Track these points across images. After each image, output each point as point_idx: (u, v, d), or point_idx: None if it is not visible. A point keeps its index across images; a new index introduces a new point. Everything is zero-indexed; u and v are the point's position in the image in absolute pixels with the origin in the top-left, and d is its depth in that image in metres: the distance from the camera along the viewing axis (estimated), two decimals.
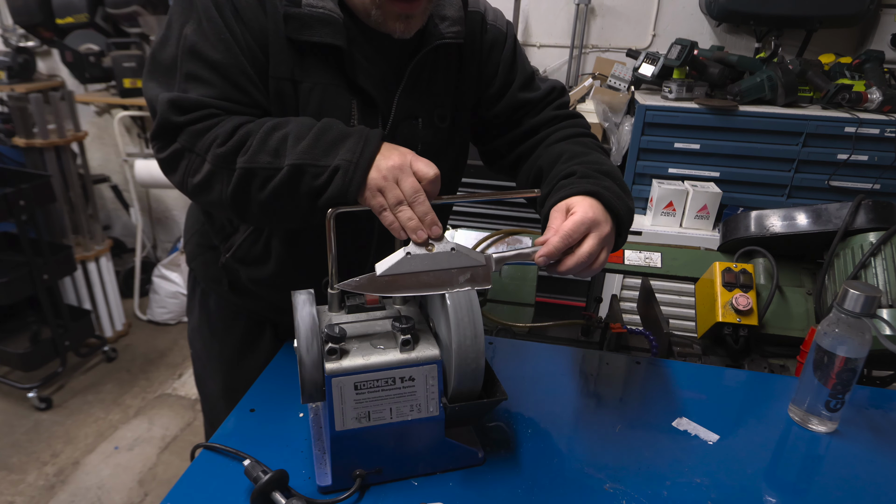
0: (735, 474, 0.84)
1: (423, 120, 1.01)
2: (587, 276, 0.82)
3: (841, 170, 2.32)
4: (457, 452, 0.82)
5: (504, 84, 1.08)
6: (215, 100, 0.85)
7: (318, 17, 0.88)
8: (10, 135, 2.83)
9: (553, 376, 1.07)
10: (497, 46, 1.07)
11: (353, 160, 0.77)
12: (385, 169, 0.77)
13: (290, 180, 0.79)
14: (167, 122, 0.84)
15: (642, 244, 1.42)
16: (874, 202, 1.19)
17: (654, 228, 2.40)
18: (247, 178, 0.81)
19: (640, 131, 2.40)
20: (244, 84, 0.87)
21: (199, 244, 1.17)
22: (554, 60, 2.98)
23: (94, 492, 2.17)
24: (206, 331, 1.25)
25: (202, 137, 0.83)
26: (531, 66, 1.13)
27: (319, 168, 0.78)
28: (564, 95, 1.14)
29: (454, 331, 0.74)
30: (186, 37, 0.85)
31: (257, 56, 0.89)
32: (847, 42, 2.73)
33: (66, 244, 2.73)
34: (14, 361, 2.61)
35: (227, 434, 0.88)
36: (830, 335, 0.89)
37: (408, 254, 0.75)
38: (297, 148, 0.79)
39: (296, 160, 0.78)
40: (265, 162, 0.80)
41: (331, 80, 0.92)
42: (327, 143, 0.79)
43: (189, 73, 0.85)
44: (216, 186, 0.83)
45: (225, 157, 0.81)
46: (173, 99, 0.84)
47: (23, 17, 3.11)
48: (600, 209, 0.82)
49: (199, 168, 0.84)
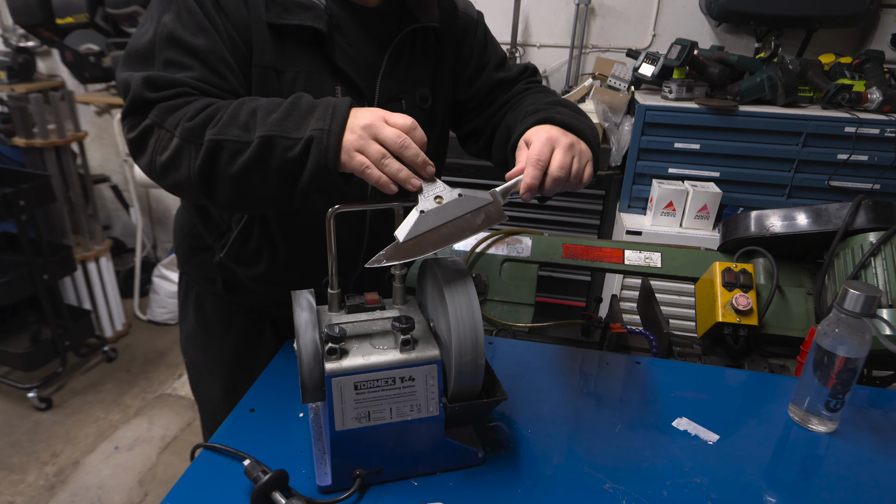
0: (735, 474, 0.84)
1: (407, 101, 1.04)
2: (576, 188, 0.85)
3: (841, 170, 2.32)
4: (457, 452, 0.82)
5: (478, 67, 1.14)
6: (193, 81, 0.84)
7: (298, 3, 0.90)
8: (10, 135, 2.83)
9: (553, 376, 1.07)
10: (469, 31, 1.13)
11: (324, 127, 0.75)
12: (359, 128, 0.75)
13: (261, 153, 0.77)
14: (139, 98, 0.83)
15: (642, 244, 1.42)
16: (874, 202, 1.19)
17: (654, 228, 2.40)
18: (215, 150, 0.79)
19: (640, 131, 2.40)
20: (223, 71, 0.87)
21: (191, 246, 1.16)
22: (554, 60, 2.98)
23: (94, 492, 2.17)
24: (203, 336, 1.24)
25: (173, 113, 0.82)
26: (503, 50, 1.19)
27: (291, 140, 0.76)
28: (537, 75, 1.19)
29: (454, 331, 0.74)
30: (164, 24, 0.85)
31: (239, 46, 0.89)
32: (847, 42, 2.73)
33: (66, 244, 2.73)
34: (14, 361, 2.61)
35: (227, 434, 0.88)
36: (830, 335, 0.89)
37: (421, 212, 0.75)
38: (268, 120, 0.78)
39: (266, 132, 0.77)
40: (234, 135, 0.78)
41: (313, 67, 0.94)
42: (298, 115, 0.78)
43: (167, 59, 0.85)
44: (184, 162, 0.81)
45: (193, 130, 0.79)
46: (149, 76, 0.83)
47: (23, 16, 3.11)
48: (554, 129, 0.86)
49: (167, 144, 0.82)
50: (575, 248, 1.41)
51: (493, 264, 1.41)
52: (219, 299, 1.19)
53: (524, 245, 1.42)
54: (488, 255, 1.41)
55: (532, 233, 1.44)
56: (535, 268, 1.40)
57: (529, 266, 1.40)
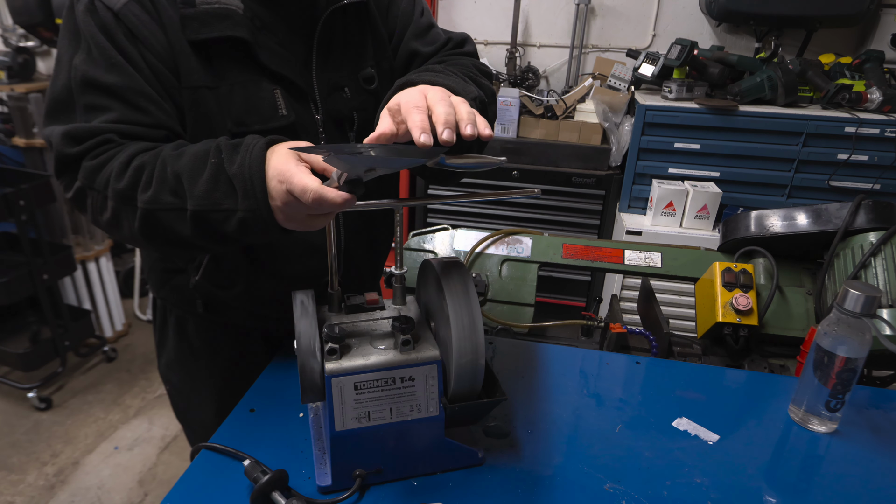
0: (735, 474, 0.84)
1: (350, 88, 0.99)
2: (477, 129, 0.69)
3: (841, 170, 2.32)
4: (457, 452, 0.82)
5: (400, 36, 1.06)
6: (114, 124, 0.81)
7: (214, 13, 0.85)
8: (9, 135, 2.83)
9: (553, 376, 1.07)
10: (396, 0, 1.05)
11: (252, 207, 0.70)
12: (276, 180, 0.68)
13: (197, 225, 0.74)
14: (63, 156, 0.80)
15: (642, 244, 1.42)
16: (874, 202, 1.19)
17: (654, 228, 2.40)
18: (151, 219, 0.76)
19: (641, 131, 2.40)
20: (144, 105, 0.83)
21: (164, 270, 1.09)
22: (554, 60, 2.98)
23: (94, 492, 2.17)
24: (189, 360, 1.17)
25: (99, 173, 0.78)
26: (430, 20, 1.09)
27: (223, 213, 0.72)
28: (465, 45, 1.08)
29: (454, 331, 0.73)
30: (76, 67, 0.81)
31: (162, 73, 0.85)
32: (847, 42, 2.73)
33: (66, 244, 2.73)
34: (14, 361, 2.61)
35: (226, 434, 0.88)
36: (830, 335, 0.89)
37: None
38: (195, 191, 0.73)
39: (196, 206, 0.73)
40: (167, 203, 0.74)
41: (248, 76, 0.89)
42: (225, 183, 0.72)
43: (87, 104, 0.82)
44: (124, 223, 0.79)
45: (124, 193, 0.76)
46: (67, 130, 0.80)
47: (23, 16, 3.11)
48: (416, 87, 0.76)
49: (104, 205, 0.79)
50: (575, 248, 1.41)
51: (492, 264, 1.41)
52: (202, 320, 1.12)
53: (524, 245, 1.42)
54: (488, 254, 1.41)
55: (532, 233, 1.44)
56: (535, 268, 1.40)
57: (529, 266, 1.40)
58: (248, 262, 1.01)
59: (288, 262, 1.02)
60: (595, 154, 2.58)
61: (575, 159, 2.60)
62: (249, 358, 1.13)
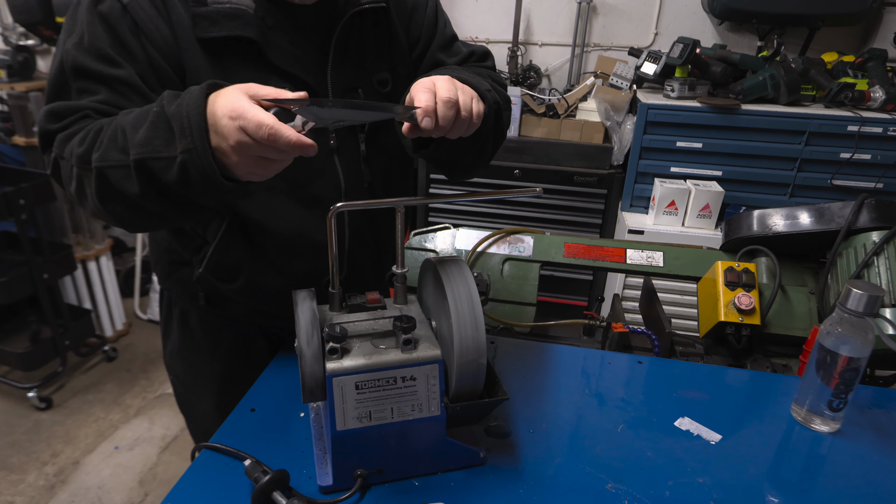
0: (737, 474, 0.84)
1: (364, 90, 1.00)
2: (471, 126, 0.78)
3: (844, 169, 2.32)
4: (458, 452, 0.81)
5: (425, 46, 1.08)
6: (96, 104, 0.82)
7: (224, 13, 0.86)
8: (9, 133, 2.83)
9: (555, 376, 1.07)
10: (419, 9, 1.07)
11: (189, 147, 0.69)
12: (226, 118, 0.67)
13: (141, 177, 0.72)
14: (44, 132, 0.82)
15: (644, 243, 1.41)
16: (877, 201, 1.19)
17: (656, 227, 2.39)
18: (102, 177, 0.75)
19: (643, 130, 2.40)
20: (130, 95, 0.84)
21: (170, 262, 1.10)
22: (556, 59, 2.98)
23: (94, 492, 2.17)
24: (191, 352, 1.18)
25: (69, 142, 0.79)
26: (452, 31, 1.13)
27: (163, 161, 0.70)
28: (487, 60, 1.13)
29: (455, 330, 0.73)
30: (67, 52, 0.83)
31: (161, 68, 0.86)
32: (850, 40, 2.72)
33: (66, 243, 2.73)
34: (14, 361, 2.61)
35: (227, 434, 0.88)
36: (833, 335, 0.89)
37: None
38: (136, 139, 0.72)
39: (137, 155, 0.71)
40: (115, 159, 0.73)
41: (256, 75, 0.88)
42: (164, 127, 0.71)
43: (79, 88, 0.84)
44: (87, 191, 0.78)
45: (83, 157, 0.76)
46: (51, 108, 0.82)
47: (23, 15, 3.10)
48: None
49: (70, 174, 0.79)
50: (577, 248, 1.40)
51: (494, 263, 1.40)
52: (204, 313, 1.13)
53: (526, 244, 1.41)
54: (490, 254, 1.41)
55: (534, 232, 1.43)
56: (537, 267, 1.40)
57: (531, 265, 1.40)
58: (251, 257, 1.02)
59: (291, 259, 1.03)
60: (597, 153, 2.57)
61: (577, 158, 2.60)
62: (251, 355, 1.14)
